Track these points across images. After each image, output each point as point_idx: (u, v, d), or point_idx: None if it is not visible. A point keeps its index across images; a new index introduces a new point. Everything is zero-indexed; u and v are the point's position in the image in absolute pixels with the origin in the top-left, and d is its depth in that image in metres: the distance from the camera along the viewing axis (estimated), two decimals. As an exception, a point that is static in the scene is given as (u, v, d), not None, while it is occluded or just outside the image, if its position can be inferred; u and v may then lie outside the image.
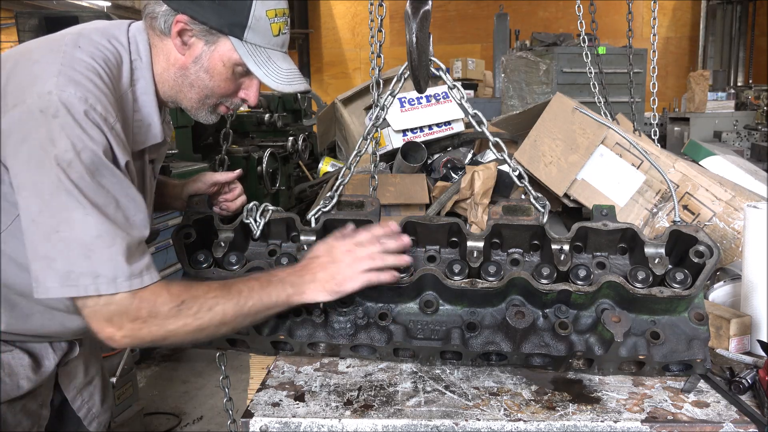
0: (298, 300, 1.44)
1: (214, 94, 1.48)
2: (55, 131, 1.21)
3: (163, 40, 1.43)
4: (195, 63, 1.42)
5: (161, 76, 1.46)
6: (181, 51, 1.42)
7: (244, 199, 1.80)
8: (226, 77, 1.44)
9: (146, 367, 4.51)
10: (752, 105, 8.99)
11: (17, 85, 1.26)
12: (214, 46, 1.41)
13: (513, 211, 1.63)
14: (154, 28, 1.42)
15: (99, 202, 1.23)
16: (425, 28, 1.56)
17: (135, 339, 1.29)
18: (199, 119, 1.54)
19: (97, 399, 1.71)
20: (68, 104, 1.22)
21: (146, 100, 1.44)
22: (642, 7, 11.70)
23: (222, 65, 1.42)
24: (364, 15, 12.87)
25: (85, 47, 1.34)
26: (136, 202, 1.30)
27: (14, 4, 8.25)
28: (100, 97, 1.27)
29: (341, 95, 4.57)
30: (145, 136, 1.46)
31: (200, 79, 1.44)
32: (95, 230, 1.22)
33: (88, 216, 1.21)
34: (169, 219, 4.27)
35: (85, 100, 1.24)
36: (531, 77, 6.54)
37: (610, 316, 1.44)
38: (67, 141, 1.21)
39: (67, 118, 1.22)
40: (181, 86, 1.46)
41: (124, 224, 1.26)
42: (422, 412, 1.39)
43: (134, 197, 1.30)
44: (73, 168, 1.21)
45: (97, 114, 1.25)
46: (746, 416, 1.37)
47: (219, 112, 1.54)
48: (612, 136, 2.31)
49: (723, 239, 2.12)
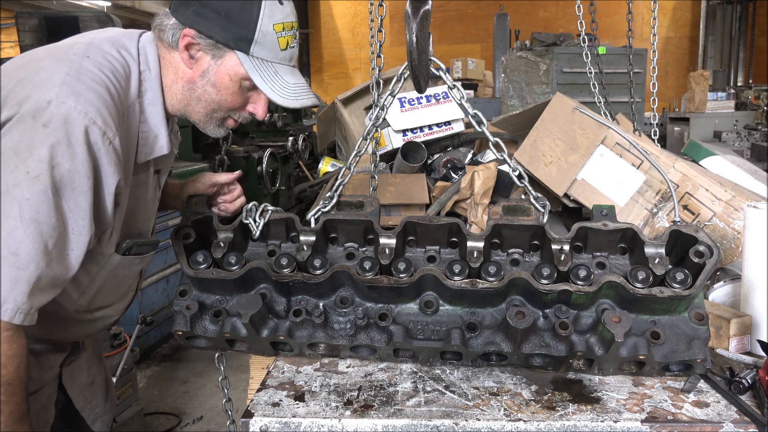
0: None
1: (222, 108, 1.48)
2: (38, 140, 1.19)
3: (171, 53, 1.43)
4: (202, 77, 1.43)
5: (170, 88, 1.46)
6: (189, 65, 1.42)
7: (243, 201, 1.80)
8: (233, 91, 1.45)
9: (146, 367, 4.51)
10: (752, 105, 8.99)
11: (21, 89, 1.26)
12: (220, 60, 1.41)
13: (513, 211, 1.63)
14: (163, 40, 1.43)
15: (43, 223, 1.19)
16: (425, 28, 1.56)
17: None
18: (208, 132, 1.53)
19: (100, 399, 1.71)
20: (67, 118, 1.21)
21: (153, 112, 1.44)
22: (642, 7, 11.70)
23: (229, 79, 1.42)
24: (364, 15, 12.88)
25: (94, 57, 1.33)
26: (81, 238, 1.26)
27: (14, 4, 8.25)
28: (102, 110, 1.26)
29: (341, 95, 4.56)
30: (152, 147, 1.46)
31: (207, 93, 1.44)
32: (17, 246, 1.17)
33: (23, 231, 1.17)
34: (169, 219, 4.28)
35: (85, 113, 1.23)
36: (531, 77, 6.54)
37: (610, 316, 1.44)
38: (46, 152, 1.19)
39: (59, 132, 1.20)
40: (188, 99, 1.46)
41: (54, 255, 1.22)
42: (422, 412, 1.39)
43: (82, 232, 1.26)
44: (37, 180, 1.18)
45: (96, 128, 1.24)
46: (746, 416, 1.37)
47: (227, 125, 1.53)
48: (612, 136, 2.31)
49: (723, 239, 2.12)
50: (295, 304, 1.62)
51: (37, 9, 7.95)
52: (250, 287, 1.63)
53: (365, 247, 1.71)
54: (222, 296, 1.65)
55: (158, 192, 1.62)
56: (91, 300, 1.51)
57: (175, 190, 1.79)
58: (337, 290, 1.63)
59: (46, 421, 1.52)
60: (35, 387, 1.46)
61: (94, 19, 5.29)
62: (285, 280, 1.58)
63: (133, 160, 1.42)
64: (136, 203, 1.50)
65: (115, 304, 1.61)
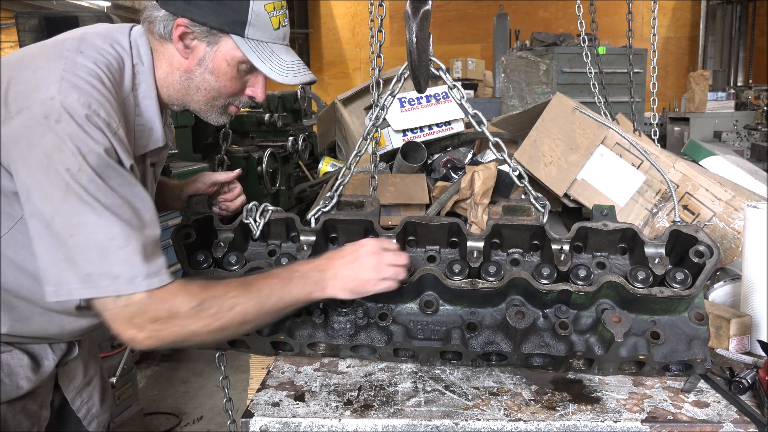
0: (319, 296, 1.44)
1: (222, 95, 1.48)
2: (59, 136, 1.21)
3: (163, 45, 1.43)
4: (199, 65, 1.43)
5: (164, 80, 1.46)
6: (184, 55, 1.42)
7: (243, 199, 1.80)
8: (231, 76, 1.45)
9: (146, 367, 4.51)
10: (752, 105, 8.99)
11: (20, 91, 1.26)
12: (216, 46, 1.41)
13: (513, 211, 1.63)
14: (153, 32, 1.42)
15: (110, 204, 1.22)
16: (425, 28, 1.56)
17: (157, 340, 1.28)
18: (210, 121, 1.54)
19: (96, 399, 1.71)
20: (70, 109, 1.22)
21: (148, 104, 1.44)
22: (642, 7, 11.70)
23: (226, 64, 1.42)
24: (364, 15, 12.88)
25: (87, 52, 1.33)
26: (145, 202, 1.30)
27: (14, 4, 8.25)
28: (103, 102, 1.27)
29: (341, 95, 4.57)
30: (147, 140, 1.46)
31: (206, 81, 1.44)
32: (109, 232, 1.21)
33: (101, 218, 1.21)
34: (169, 219, 4.27)
35: (87, 105, 1.24)
36: (531, 77, 6.54)
37: (610, 316, 1.44)
38: (73, 146, 1.21)
39: (71, 123, 1.22)
40: (187, 89, 1.46)
41: (137, 224, 1.26)
42: (422, 412, 1.39)
43: (143, 197, 1.30)
44: (81, 172, 1.21)
45: (99, 119, 1.25)
46: (746, 416, 1.37)
47: (230, 112, 1.53)
48: (612, 136, 2.31)
49: (723, 239, 2.12)
50: (295, 304, 1.62)
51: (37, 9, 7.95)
52: (250, 287, 1.63)
53: (365, 247, 1.71)
54: (222, 296, 1.65)
55: (155, 185, 1.63)
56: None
57: (175, 190, 1.79)
58: (337, 290, 1.63)
59: (41, 422, 1.52)
60: (30, 386, 1.46)
61: (94, 19, 5.28)
62: (285, 280, 1.58)
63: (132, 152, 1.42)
64: None
65: None
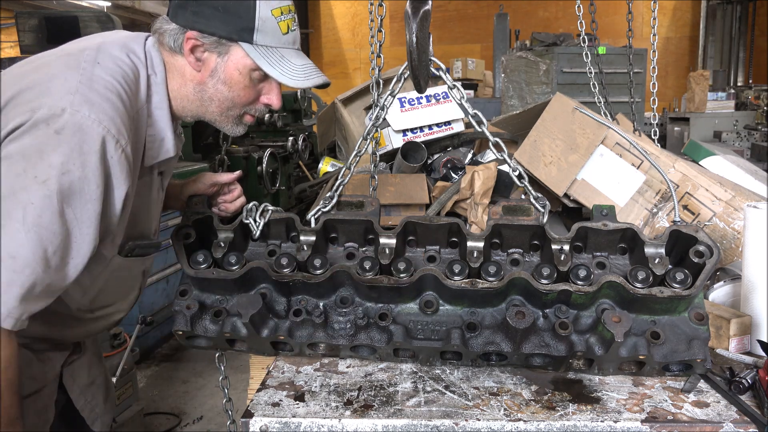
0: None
1: (236, 105, 1.48)
2: (50, 146, 1.19)
3: (174, 57, 1.44)
4: (212, 77, 1.43)
5: (177, 91, 1.46)
6: (197, 68, 1.42)
7: (243, 201, 1.80)
8: (244, 85, 1.45)
9: (146, 367, 4.51)
10: (752, 105, 8.99)
11: (32, 96, 1.25)
12: (227, 56, 1.41)
13: (513, 211, 1.63)
14: (164, 44, 1.43)
15: (45, 227, 1.18)
16: (425, 28, 1.56)
17: None
18: (226, 131, 1.54)
19: (100, 399, 1.71)
20: (81, 127, 1.21)
21: (160, 115, 1.44)
22: (642, 7, 11.69)
23: (238, 73, 1.43)
24: (364, 15, 12.87)
25: (105, 63, 1.33)
26: (83, 248, 1.26)
27: (14, 4, 8.24)
28: (115, 118, 1.27)
29: (341, 95, 4.56)
30: (158, 150, 1.46)
31: (219, 92, 1.45)
32: (18, 249, 1.16)
33: (25, 234, 1.16)
34: (169, 219, 4.27)
35: (99, 122, 1.23)
36: (531, 77, 6.54)
37: (610, 316, 1.44)
38: (58, 159, 1.19)
39: (72, 140, 1.20)
40: (201, 101, 1.46)
41: (53, 262, 1.21)
42: (422, 412, 1.39)
43: (85, 240, 1.25)
44: (44, 185, 1.18)
45: (111, 138, 1.24)
46: (746, 416, 1.37)
47: (245, 122, 1.53)
48: (612, 136, 2.31)
49: (723, 239, 2.12)
50: (295, 304, 1.62)
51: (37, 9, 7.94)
52: (250, 287, 1.64)
53: (365, 247, 1.71)
54: (222, 296, 1.65)
55: (162, 194, 1.62)
56: (94, 299, 1.51)
57: (175, 190, 1.79)
58: (337, 290, 1.63)
59: (47, 421, 1.52)
60: (36, 386, 1.46)
61: (94, 19, 5.29)
62: (285, 280, 1.58)
63: (139, 163, 1.42)
64: (140, 205, 1.51)
65: (118, 303, 1.61)
